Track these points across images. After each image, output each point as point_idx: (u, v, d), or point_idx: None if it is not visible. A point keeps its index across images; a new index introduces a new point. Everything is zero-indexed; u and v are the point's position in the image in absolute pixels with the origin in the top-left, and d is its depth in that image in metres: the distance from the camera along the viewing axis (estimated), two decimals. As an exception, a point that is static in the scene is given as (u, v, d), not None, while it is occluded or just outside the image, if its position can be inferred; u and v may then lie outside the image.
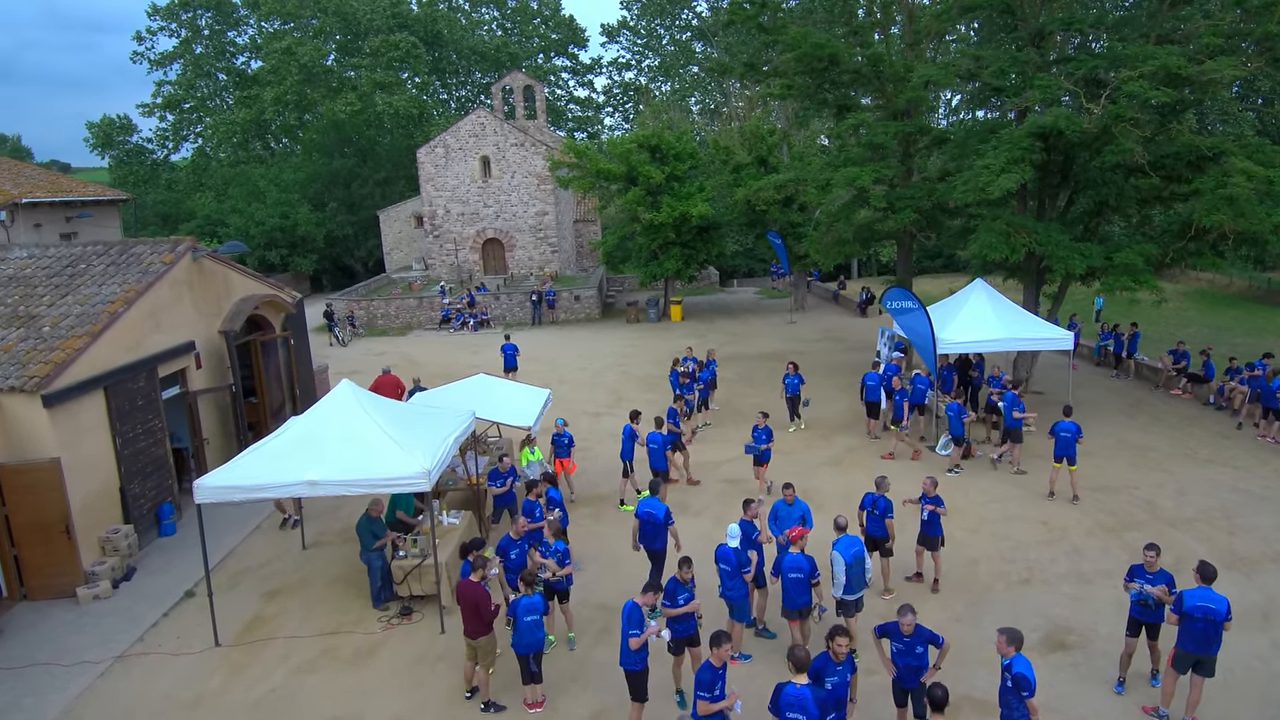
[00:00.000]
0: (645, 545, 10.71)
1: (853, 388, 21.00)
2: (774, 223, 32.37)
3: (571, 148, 32.58)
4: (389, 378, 20.14)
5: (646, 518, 10.54)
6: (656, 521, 10.51)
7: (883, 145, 19.94)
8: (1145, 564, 9.02)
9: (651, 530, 10.57)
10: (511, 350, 23.61)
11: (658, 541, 10.62)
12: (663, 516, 10.49)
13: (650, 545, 10.68)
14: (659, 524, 10.51)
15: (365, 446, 10.24)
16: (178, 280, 14.79)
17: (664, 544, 10.61)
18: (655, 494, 11.42)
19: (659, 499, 11.14)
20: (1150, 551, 9.06)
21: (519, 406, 13.99)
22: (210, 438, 15.55)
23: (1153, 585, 8.76)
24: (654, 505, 10.65)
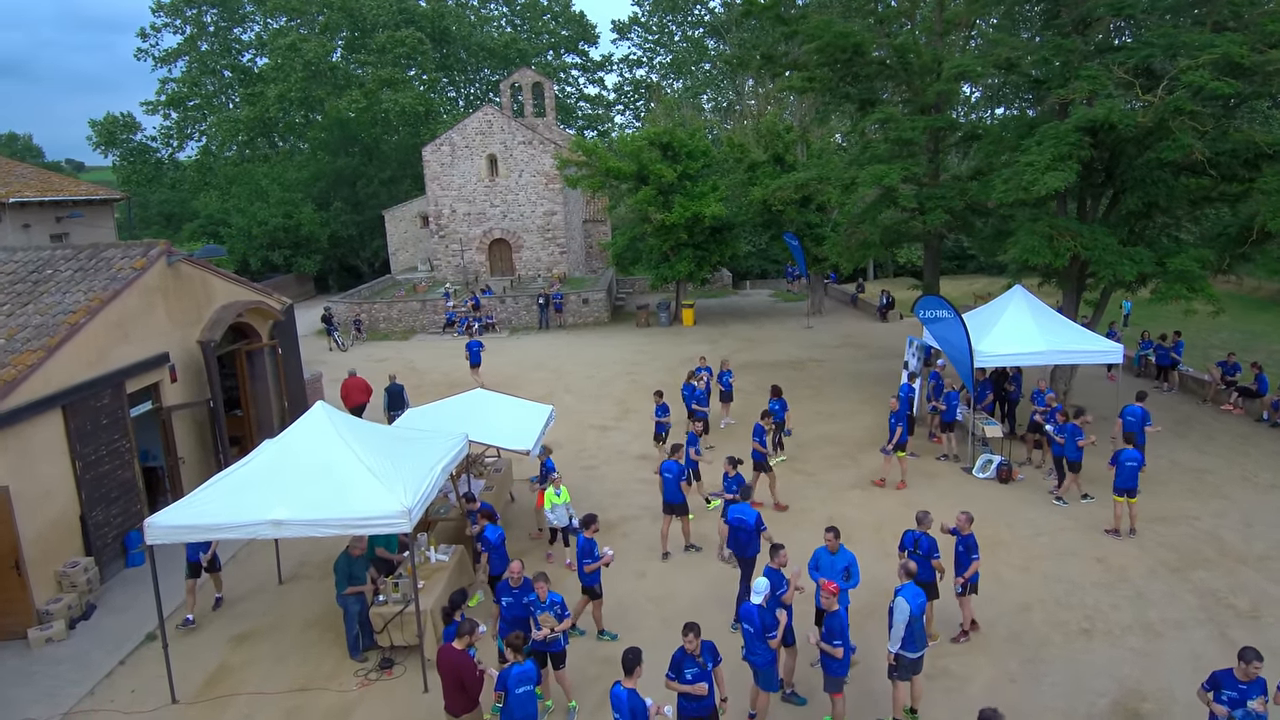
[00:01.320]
0: (736, 553, 10.40)
1: (880, 400, 19.73)
2: (790, 223, 31.04)
3: (580, 145, 31.34)
4: (356, 380, 19.22)
5: (738, 523, 10.21)
6: (748, 528, 10.12)
7: (912, 141, 18.60)
8: (1237, 672, 6.86)
9: (744, 537, 10.20)
10: (476, 347, 23.56)
11: (749, 549, 10.24)
12: (754, 522, 10.13)
13: (741, 553, 10.32)
14: (750, 530, 10.12)
15: (339, 480, 9.03)
16: (150, 287, 13.65)
17: (756, 550, 10.22)
18: (747, 499, 10.71)
19: (749, 504, 10.59)
20: (1253, 662, 6.76)
21: (518, 426, 12.75)
22: (186, 457, 14.39)
23: (1249, 699, 6.72)
24: (745, 511, 10.29)
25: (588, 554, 9.77)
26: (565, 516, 11.82)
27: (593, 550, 9.80)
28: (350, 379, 19.58)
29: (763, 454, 14.02)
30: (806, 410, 19.42)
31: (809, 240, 31.03)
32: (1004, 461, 14.88)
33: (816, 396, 20.74)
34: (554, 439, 17.40)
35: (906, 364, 17.90)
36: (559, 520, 11.84)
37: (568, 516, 11.82)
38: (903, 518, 13.12)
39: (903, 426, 14.44)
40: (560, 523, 11.87)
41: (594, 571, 9.85)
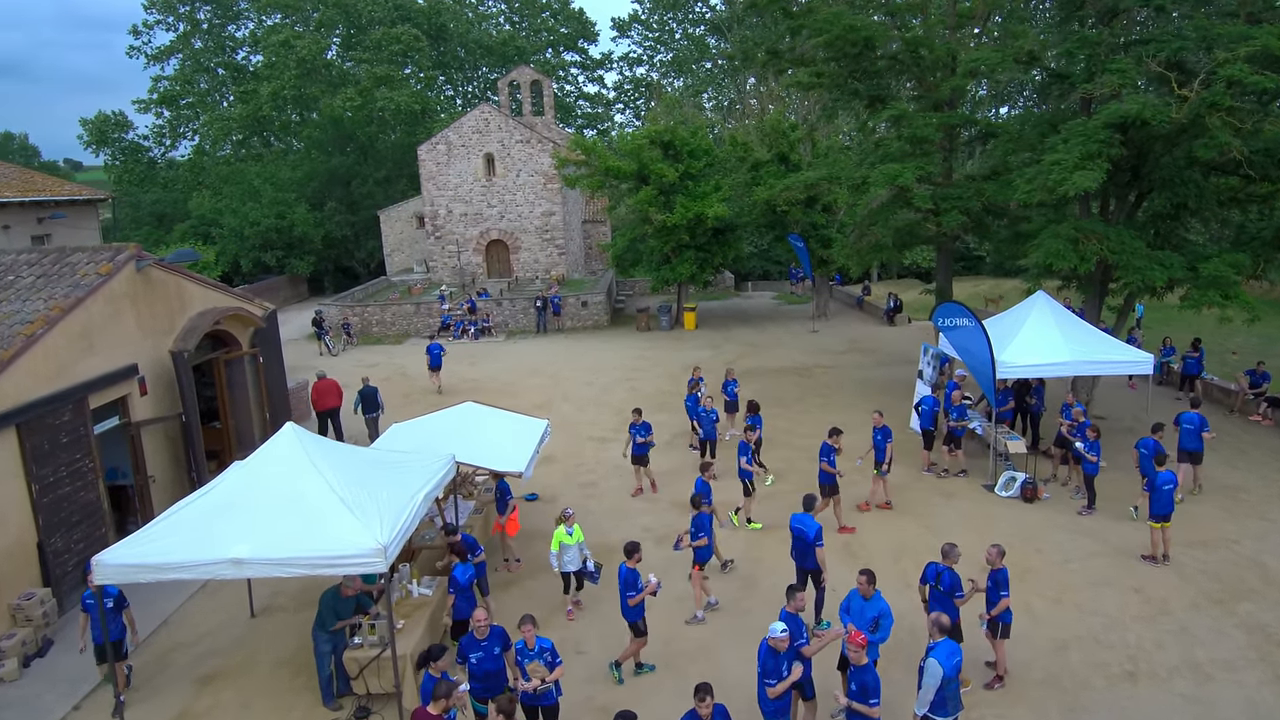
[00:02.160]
0: (797, 562, 10.24)
1: (891, 409, 18.79)
2: (795, 224, 30.14)
3: (579, 144, 30.43)
4: (327, 383, 18.50)
5: (798, 533, 10.02)
6: (807, 539, 9.90)
7: (926, 139, 17.71)
8: None
9: (802, 546, 10.04)
10: (437, 349, 23.28)
11: (808, 559, 10.04)
12: (813, 535, 9.84)
13: (801, 563, 10.18)
14: (809, 542, 9.89)
15: (308, 512, 8.15)
16: (117, 294, 12.76)
17: (814, 564, 9.99)
18: (810, 510, 10.28)
19: (812, 515, 10.23)
20: None
21: (510, 444, 11.85)
22: (158, 475, 13.50)
23: None
24: (805, 521, 10.00)
25: (631, 586, 9.06)
26: (578, 559, 10.53)
27: (636, 581, 9.09)
28: (321, 381, 18.80)
29: (749, 472, 13.30)
30: (816, 422, 18.51)
31: (814, 241, 30.13)
32: (1028, 479, 14.00)
33: (826, 406, 19.85)
34: (550, 452, 16.55)
35: (921, 373, 17.01)
36: (571, 564, 10.49)
37: (580, 559, 10.56)
38: (923, 544, 12.33)
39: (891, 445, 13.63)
40: (572, 567, 10.53)
41: (638, 604, 9.14)
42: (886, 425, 13.72)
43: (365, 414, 18.36)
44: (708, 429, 15.37)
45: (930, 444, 15.24)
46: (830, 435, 13.17)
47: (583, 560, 10.55)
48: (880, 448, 13.63)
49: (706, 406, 15.44)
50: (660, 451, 17.05)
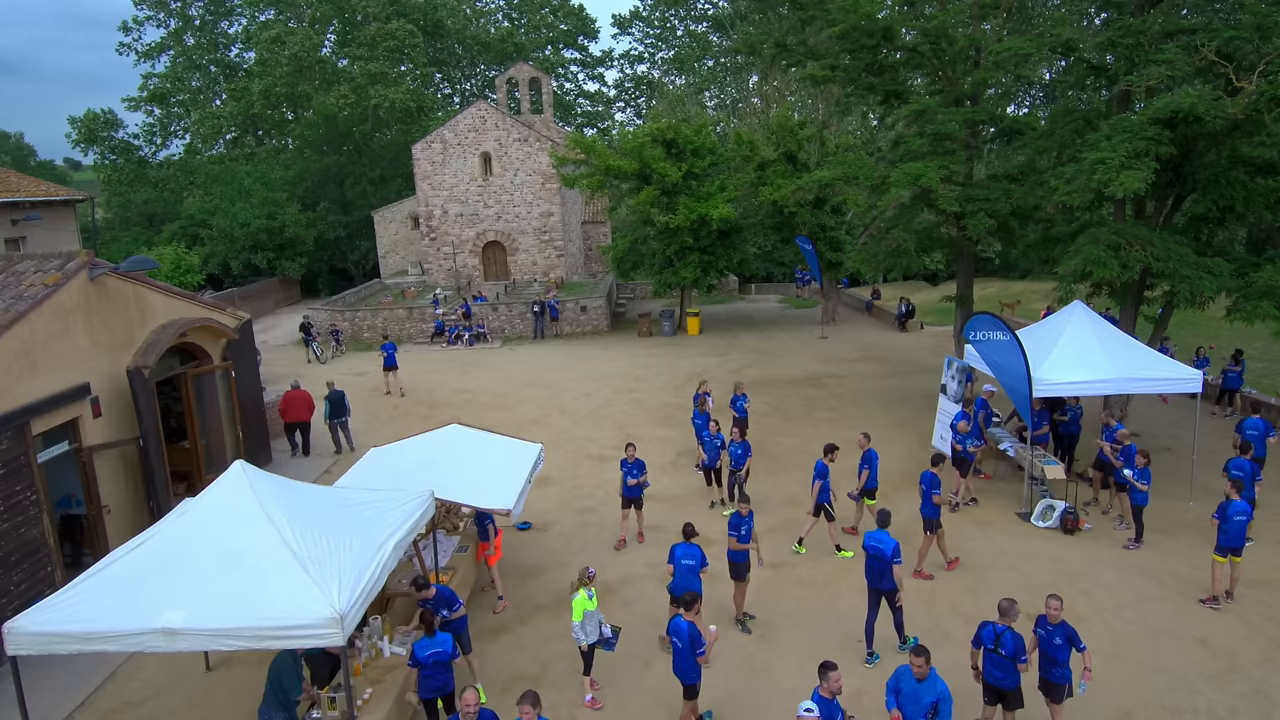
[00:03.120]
0: (871, 583, 9.56)
1: (910, 425, 17.67)
2: (803, 226, 28.93)
3: (578, 142, 29.21)
4: (299, 394, 17.60)
5: (874, 551, 9.36)
6: (884, 556, 9.25)
7: (950, 136, 16.50)
8: None
9: (878, 567, 9.37)
10: (390, 349, 23.16)
11: (885, 580, 9.39)
12: (891, 552, 9.22)
13: (877, 584, 9.49)
14: (886, 560, 9.24)
15: (255, 570, 6.94)
16: (67, 307, 11.55)
17: (892, 584, 9.36)
18: (885, 526, 9.69)
19: (887, 531, 9.57)
20: None
21: (498, 475, 10.62)
22: (113, 504, 12.30)
23: None
24: (882, 538, 9.37)
25: (696, 643, 7.86)
26: (596, 629, 8.95)
27: (700, 638, 7.90)
28: (291, 392, 17.80)
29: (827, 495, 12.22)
30: (832, 439, 17.24)
31: (823, 244, 28.96)
32: (1069, 508, 12.78)
33: (839, 421, 18.64)
34: (545, 472, 15.33)
35: (945, 388, 15.79)
36: (589, 636, 8.85)
37: (599, 629, 8.97)
38: (957, 584, 11.11)
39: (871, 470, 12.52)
40: (590, 639, 8.87)
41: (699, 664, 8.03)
42: (872, 450, 12.56)
43: (334, 419, 17.82)
44: (711, 455, 14.05)
45: (965, 469, 14.03)
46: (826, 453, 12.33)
47: (600, 629, 8.97)
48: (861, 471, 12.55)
49: (713, 430, 14.12)
50: (664, 472, 15.90)
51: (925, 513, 11.39)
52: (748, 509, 10.23)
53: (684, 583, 9.48)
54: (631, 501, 12.65)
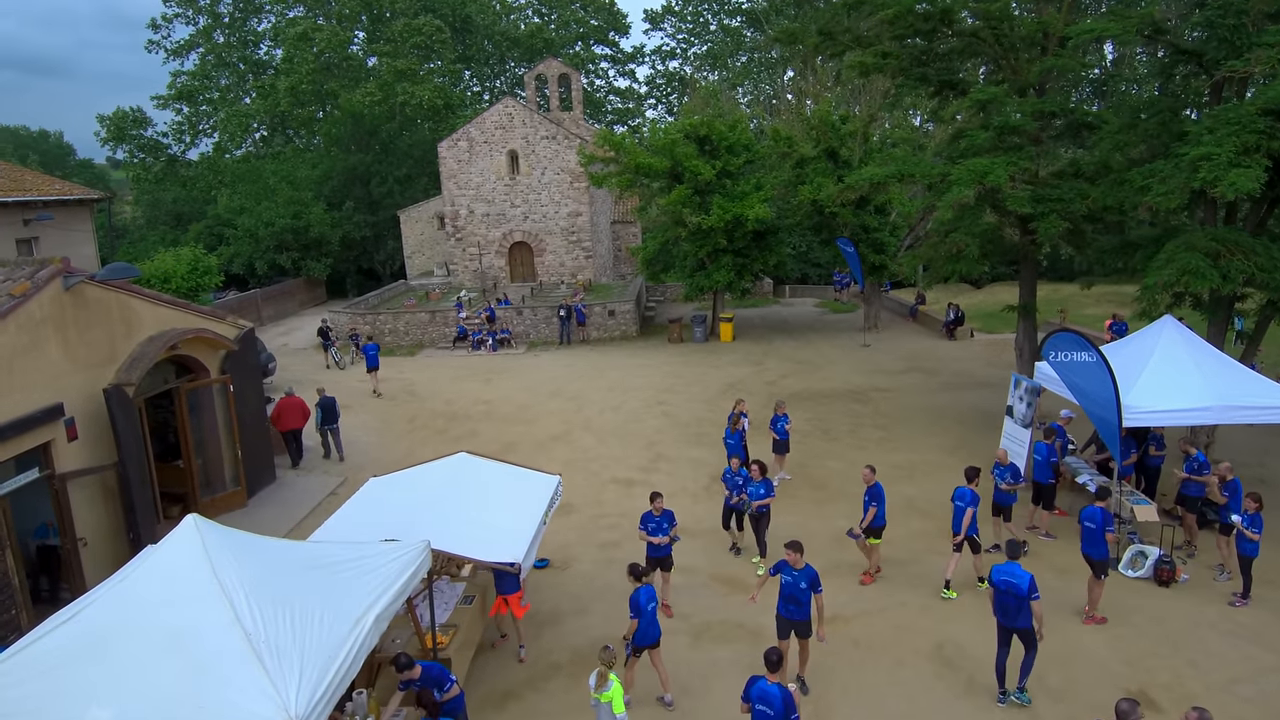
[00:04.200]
0: (1002, 621, 8.66)
1: (968, 448, 15.99)
2: (844, 227, 27.28)
3: (607, 139, 27.86)
4: (292, 400, 17.00)
5: (1006, 587, 8.49)
6: (1020, 592, 8.37)
7: (1019, 129, 14.83)
8: None
9: (1013, 603, 8.47)
10: (372, 350, 23.32)
11: (1020, 618, 8.49)
12: (1028, 586, 8.36)
13: (1011, 622, 8.58)
14: (1023, 595, 8.36)
15: (199, 657, 5.67)
16: (38, 319, 10.44)
17: (1028, 621, 8.48)
18: (1016, 557, 8.75)
19: (1018, 563, 8.66)
20: None
21: (509, 517, 9.28)
22: (91, 536, 11.19)
23: None
24: (1014, 571, 8.52)
25: (790, 707, 6.71)
26: None
27: (793, 702, 6.73)
28: (285, 399, 17.08)
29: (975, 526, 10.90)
30: (881, 463, 15.62)
31: (865, 246, 27.29)
32: (1163, 557, 11.12)
33: (888, 442, 17.06)
34: (567, 498, 13.97)
35: (1011, 409, 14.16)
36: None
37: None
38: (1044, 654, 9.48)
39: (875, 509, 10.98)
40: None
41: None
42: (878, 484, 11.07)
43: (324, 425, 17.40)
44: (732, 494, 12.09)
45: (1050, 501, 12.45)
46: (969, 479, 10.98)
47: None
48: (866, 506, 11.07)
49: (734, 466, 12.18)
50: (695, 499, 14.47)
51: (1096, 554, 10.07)
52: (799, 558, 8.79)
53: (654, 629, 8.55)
54: (658, 563, 10.55)
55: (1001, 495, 11.80)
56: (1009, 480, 11.73)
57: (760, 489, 11.62)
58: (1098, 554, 10.02)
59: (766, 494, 11.62)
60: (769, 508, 11.74)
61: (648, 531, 10.46)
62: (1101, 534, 9.97)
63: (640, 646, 8.54)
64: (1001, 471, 11.80)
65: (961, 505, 10.78)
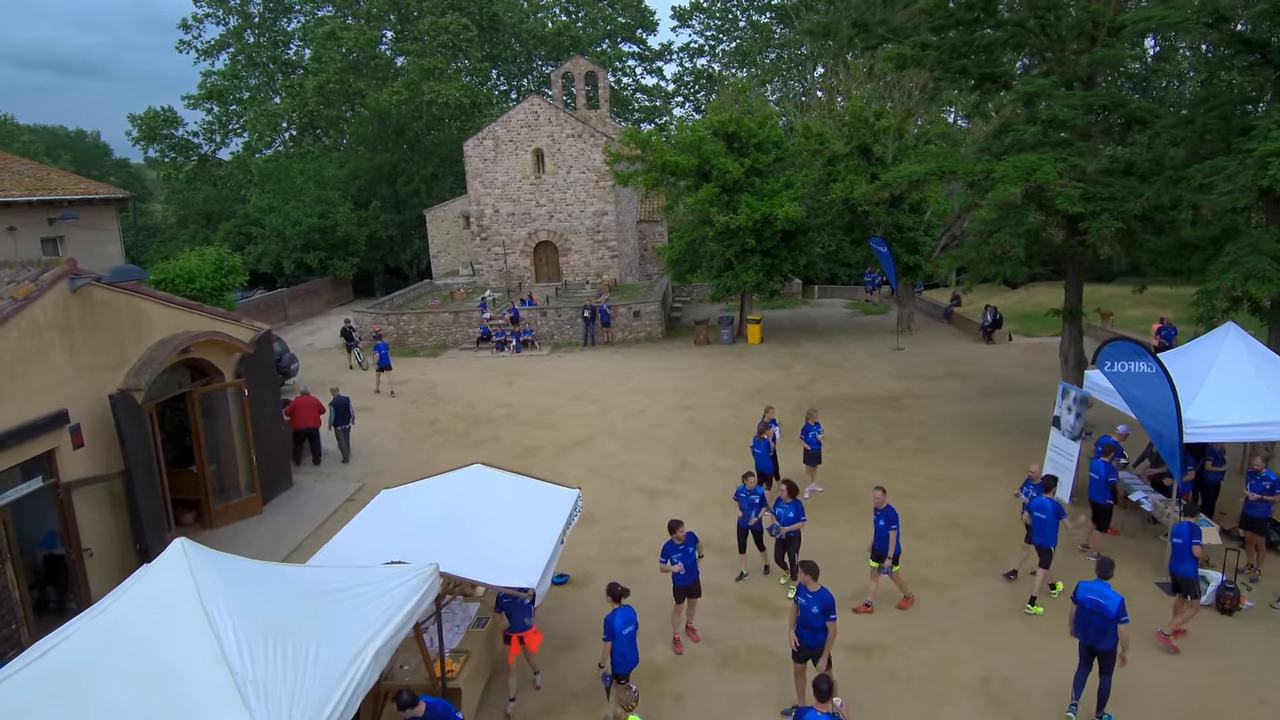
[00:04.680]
0: (1084, 640, 8.26)
1: (1010, 460, 15.20)
2: (877, 226, 26.45)
3: (633, 137, 27.29)
4: (307, 399, 17.06)
5: (1092, 606, 8.08)
6: (1108, 613, 7.96)
7: (1070, 123, 14.01)
8: None
9: (1097, 623, 8.07)
10: (383, 349, 23.55)
11: (1105, 639, 8.08)
12: (1118, 607, 7.97)
13: (1095, 643, 8.15)
14: (1111, 617, 7.95)
15: (180, 698, 5.20)
16: (41, 323, 10.11)
17: (1112, 644, 8.07)
18: (1107, 577, 8.32)
19: (1109, 583, 8.25)
20: None
21: (525, 537, 8.75)
22: (97, 546, 10.85)
23: None
24: (1103, 591, 8.12)
25: None
26: None
27: None
28: (300, 398, 17.03)
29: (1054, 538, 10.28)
30: (918, 475, 15.02)
31: (899, 245, 26.44)
32: (1227, 583, 10.31)
33: (925, 452, 16.30)
34: (589, 508, 13.46)
35: (1058, 420, 13.37)
36: None
37: None
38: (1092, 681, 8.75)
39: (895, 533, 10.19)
40: None
41: None
42: (891, 506, 10.27)
43: (337, 426, 17.32)
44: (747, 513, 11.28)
45: (1106, 521, 11.68)
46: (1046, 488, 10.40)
47: None
48: (882, 536, 10.20)
49: (749, 485, 11.29)
50: (723, 512, 13.73)
51: (1184, 571, 9.52)
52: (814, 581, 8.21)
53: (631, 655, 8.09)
54: (685, 592, 9.85)
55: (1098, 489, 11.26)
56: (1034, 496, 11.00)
57: (790, 512, 10.77)
58: (1185, 571, 9.47)
59: (797, 518, 10.78)
60: (800, 532, 10.99)
61: (671, 563, 9.63)
62: (1188, 549, 9.43)
63: (619, 674, 8.00)
64: (1035, 489, 11.04)
65: (1043, 517, 10.24)
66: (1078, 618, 8.30)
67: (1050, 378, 21.37)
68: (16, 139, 49.01)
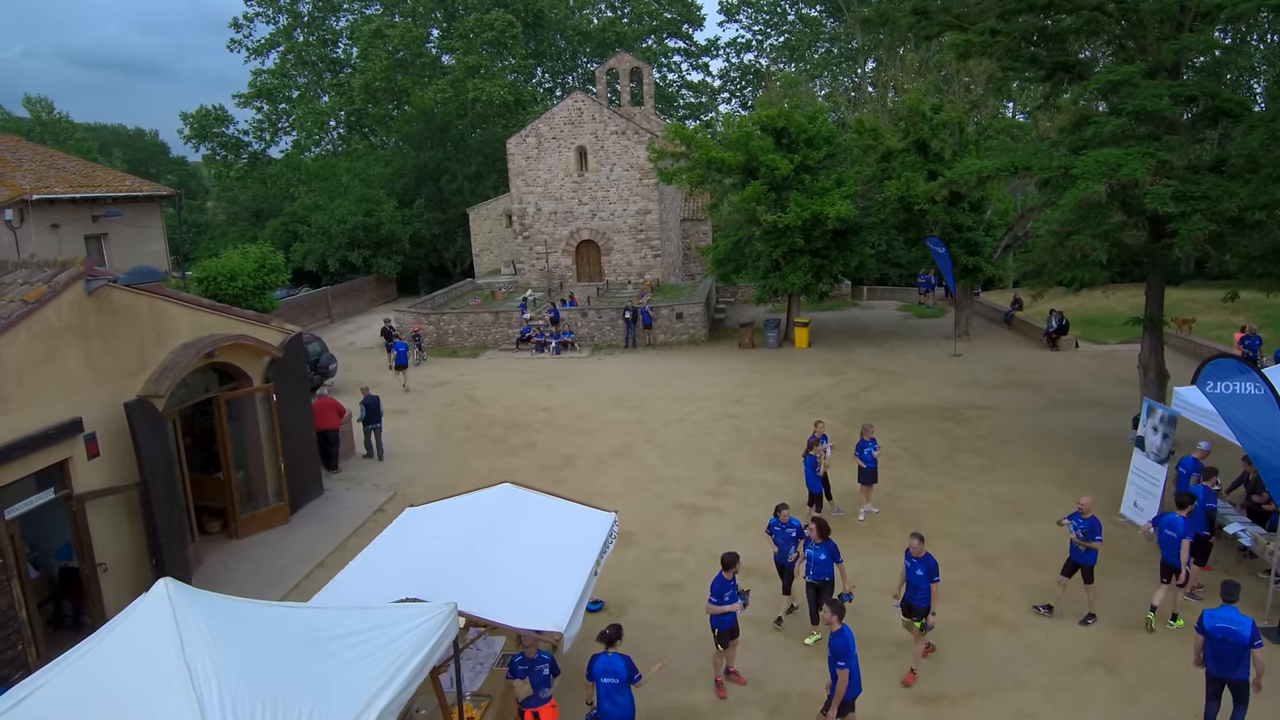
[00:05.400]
0: (1215, 672, 7.62)
1: (1086, 482, 13.92)
2: (934, 225, 25.15)
3: (678, 133, 26.42)
4: (325, 401, 16.72)
5: (1223, 634, 7.49)
6: (1241, 639, 7.39)
7: (1158, 115, 12.76)
8: None
9: (1230, 651, 7.47)
10: (403, 348, 23.75)
11: (1239, 668, 7.52)
12: (1250, 633, 7.38)
13: (1225, 673, 7.58)
14: (1244, 643, 7.39)
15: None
16: (54, 328, 9.65)
17: (1246, 672, 7.53)
18: (1233, 600, 7.70)
19: (1236, 607, 7.65)
20: None
21: (554, 569, 7.97)
22: (113, 560, 10.39)
23: None
24: (1233, 616, 7.54)
25: None
26: None
27: None
28: (320, 400, 16.69)
29: None
30: (982, 496, 13.89)
31: (957, 246, 25.11)
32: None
33: (990, 470, 15.14)
34: (626, 526, 12.66)
35: (1142, 441, 12.16)
36: None
37: None
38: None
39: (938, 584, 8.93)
40: None
41: None
42: (931, 555, 8.89)
43: (368, 424, 17.22)
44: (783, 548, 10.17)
45: (1205, 555, 10.52)
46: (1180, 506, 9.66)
47: None
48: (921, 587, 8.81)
49: (783, 519, 10.15)
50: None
51: None
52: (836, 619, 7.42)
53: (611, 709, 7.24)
54: (727, 634, 8.85)
55: (1079, 553, 9.92)
56: (1083, 534, 9.83)
57: (821, 554, 9.41)
58: None
59: (830, 559, 9.46)
60: (833, 577, 9.65)
61: (721, 602, 8.59)
62: None
63: None
64: (1082, 523, 9.89)
65: (1174, 535, 9.42)
66: (1207, 649, 7.68)
67: (1124, 389, 19.96)
68: (70, 136, 50.03)
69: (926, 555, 8.88)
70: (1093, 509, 9.93)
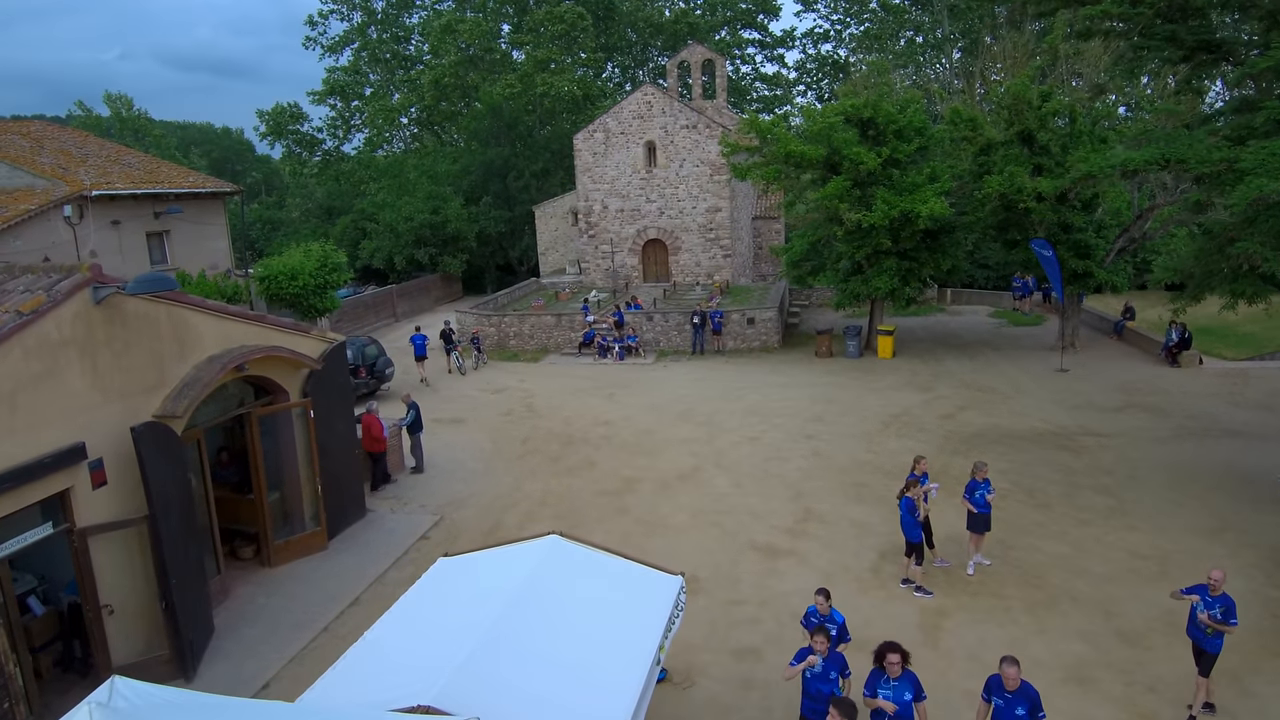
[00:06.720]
0: None
1: (1239, 533, 11.72)
2: (1038, 225, 22.67)
3: (753, 125, 24.60)
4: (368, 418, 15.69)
5: None
6: None
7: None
8: None
9: None
10: (420, 340, 23.93)
11: None
12: None
13: None
14: None
15: None
16: (54, 341, 8.59)
17: None
18: None
19: None
20: None
21: (608, 656, 6.42)
22: (119, 601, 9.30)
23: None
24: None
25: None
26: None
27: None
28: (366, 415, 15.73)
29: None
30: (1114, 549, 11.75)
31: (1065, 249, 22.59)
32: None
33: (1120, 515, 12.93)
34: (694, 571, 11.13)
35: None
36: None
37: None
38: None
39: None
40: None
41: None
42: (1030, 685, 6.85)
43: (411, 432, 16.59)
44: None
45: None
46: None
47: None
48: None
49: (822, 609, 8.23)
50: (862, 588, 11.06)
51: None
52: None
53: None
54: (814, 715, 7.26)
55: (1204, 638, 7.92)
56: (1217, 616, 7.82)
57: (906, 694, 6.94)
58: None
59: (916, 698, 6.94)
60: None
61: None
62: None
63: None
64: (1213, 603, 7.88)
65: None
66: None
67: (1267, 416, 17.40)
68: (149, 133, 51.05)
69: (1024, 685, 6.76)
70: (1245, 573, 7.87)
